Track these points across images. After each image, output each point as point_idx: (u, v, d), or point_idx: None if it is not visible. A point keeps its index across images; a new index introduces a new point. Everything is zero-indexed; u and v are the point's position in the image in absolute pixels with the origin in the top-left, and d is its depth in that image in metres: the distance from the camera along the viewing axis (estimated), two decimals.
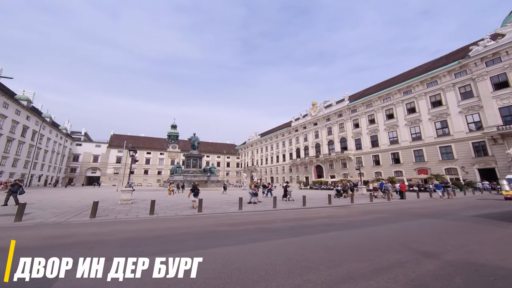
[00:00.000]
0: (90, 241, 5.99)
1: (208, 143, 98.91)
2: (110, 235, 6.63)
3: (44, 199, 18.23)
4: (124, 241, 5.95)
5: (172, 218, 9.97)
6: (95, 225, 8.25)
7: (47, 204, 14.37)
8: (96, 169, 76.53)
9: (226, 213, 11.33)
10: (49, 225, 8.05)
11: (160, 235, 6.75)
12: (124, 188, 15.54)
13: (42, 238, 6.20)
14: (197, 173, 44.62)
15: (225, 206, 14.29)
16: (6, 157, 42.02)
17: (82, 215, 10.18)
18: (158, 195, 22.57)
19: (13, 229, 7.31)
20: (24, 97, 48.36)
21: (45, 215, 9.94)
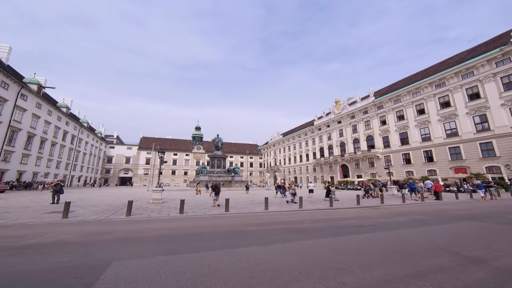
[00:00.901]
0: (129, 238, 6.39)
1: (231, 144, 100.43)
2: (146, 233, 7.01)
3: (84, 198, 19.75)
4: (159, 239, 6.26)
5: (200, 217, 10.28)
6: (131, 223, 8.77)
7: (87, 203, 15.55)
8: (128, 170, 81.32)
9: (252, 213, 11.43)
10: (90, 222, 8.72)
11: (191, 233, 7.00)
12: (154, 188, 16.32)
13: (86, 234, 6.74)
14: (222, 173, 45.49)
15: (250, 206, 14.43)
16: (50, 159, 46.21)
17: (119, 213, 10.86)
18: (186, 195, 23.38)
19: (62, 225, 8.03)
20: (64, 105, 52.80)
21: (86, 213, 10.75)
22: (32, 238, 6.18)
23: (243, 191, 32.32)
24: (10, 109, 34.52)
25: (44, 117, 43.18)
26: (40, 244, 5.61)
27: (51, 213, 10.57)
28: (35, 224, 8.17)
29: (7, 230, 7.17)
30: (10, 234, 6.61)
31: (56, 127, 47.81)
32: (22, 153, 37.75)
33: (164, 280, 3.63)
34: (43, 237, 6.29)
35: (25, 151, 38.36)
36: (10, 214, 10.12)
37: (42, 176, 42.91)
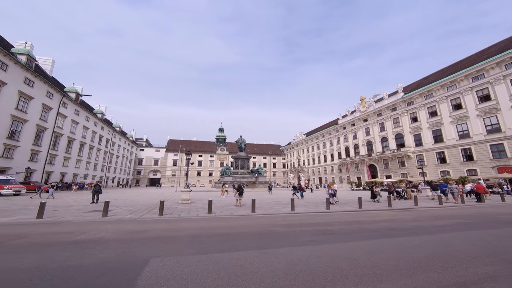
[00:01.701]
0: (163, 236, 6.69)
1: (254, 145, 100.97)
2: (178, 232, 7.30)
3: (119, 198, 21.03)
4: (191, 238, 6.47)
5: (228, 217, 10.45)
6: (164, 222, 9.17)
7: (122, 202, 16.54)
8: (156, 172, 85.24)
9: (279, 214, 11.39)
10: (127, 221, 9.26)
11: (221, 233, 7.15)
12: (183, 188, 16.91)
13: (124, 232, 7.18)
14: (246, 174, 45.89)
15: (276, 207, 14.39)
16: (88, 162, 49.94)
17: (152, 213, 11.40)
18: (212, 196, 23.93)
19: (102, 223, 8.62)
20: (99, 111, 56.81)
21: (123, 212, 11.44)
22: (79, 234, 6.72)
23: (267, 191, 32.32)
24: (54, 116, 37.89)
25: (82, 123, 46.78)
26: (86, 241, 6.08)
27: (92, 212, 11.40)
28: (79, 222, 8.87)
29: (57, 227, 7.87)
30: (60, 231, 7.24)
31: (93, 132, 51.55)
32: (64, 156, 41.23)
33: (200, 278, 3.75)
34: (88, 234, 6.81)
35: (66, 155, 41.84)
36: (58, 212, 11.08)
37: (81, 177, 46.50)
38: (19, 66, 30.75)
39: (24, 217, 9.57)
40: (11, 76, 29.58)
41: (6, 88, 28.75)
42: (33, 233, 6.90)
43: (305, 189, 22.30)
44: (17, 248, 5.44)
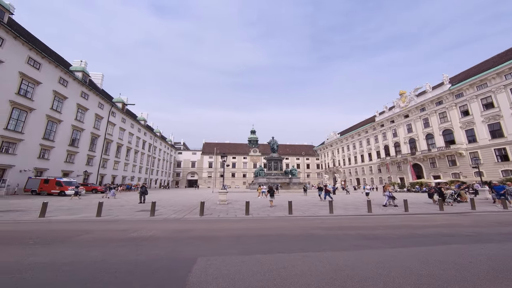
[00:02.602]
0: (206, 236, 7.00)
1: (286, 146, 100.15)
2: (219, 232, 7.57)
3: (162, 198, 22.50)
4: (233, 238, 6.67)
5: (265, 218, 10.53)
6: (205, 222, 9.59)
7: (165, 203, 17.67)
8: (194, 173, 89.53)
9: (317, 216, 11.14)
10: (172, 220, 9.88)
11: (260, 234, 7.23)
12: (220, 190, 17.48)
13: (171, 231, 7.67)
14: (279, 175, 45.68)
15: (313, 208, 14.09)
16: (134, 165, 54.51)
17: (193, 213, 11.98)
18: (248, 197, 24.31)
19: (151, 222, 9.34)
20: (142, 118, 61.66)
21: (167, 212, 12.22)
22: (132, 232, 7.37)
23: (302, 193, 31.77)
24: (105, 125, 42.17)
25: (128, 130, 51.25)
26: (139, 238, 6.65)
27: (140, 211, 12.40)
28: (131, 220, 9.72)
29: (114, 225, 8.73)
30: (117, 228, 8.03)
31: (137, 137, 56.13)
32: (114, 160, 45.57)
33: (246, 278, 3.85)
34: (140, 232, 7.44)
35: (116, 159, 46.19)
36: (112, 211, 12.28)
37: (129, 179, 50.88)
38: (76, 82, 34.89)
39: (87, 215, 10.80)
40: (71, 91, 33.67)
41: (67, 102, 32.80)
42: (96, 229, 7.76)
43: (331, 190, 21.34)
44: (85, 242, 6.16)
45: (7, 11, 25.40)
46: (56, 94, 30.73)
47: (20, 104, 25.68)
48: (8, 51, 24.41)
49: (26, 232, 7.35)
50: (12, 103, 24.80)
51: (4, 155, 24.02)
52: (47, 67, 29.48)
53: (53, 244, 5.91)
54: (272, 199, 15.74)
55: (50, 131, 29.92)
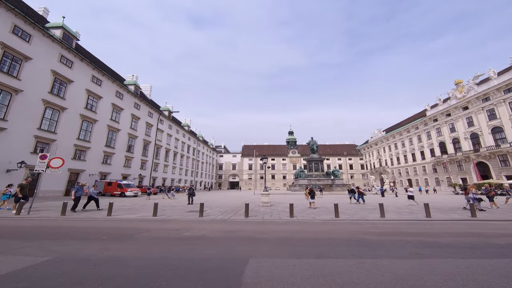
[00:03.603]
0: (254, 237, 7.10)
1: (326, 146, 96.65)
2: (266, 234, 7.62)
3: (208, 200, 23.60)
4: (280, 241, 6.64)
5: (310, 221, 10.26)
6: (251, 223, 9.75)
7: (211, 204, 18.47)
8: (235, 175, 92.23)
9: (366, 220, 10.47)
10: (219, 221, 10.27)
11: (308, 238, 7.07)
12: (262, 192, 17.63)
13: (220, 231, 7.98)
14: (321, 177, 44.28)
15: (361, 212, 13.29)
16: (181, 168, 58.46)
17: (238, 214, 12.29)
18: (291, 199, 24.08)
19: (200, 222, 9.85)
20: (186, 124, 65.84)
21: (214, 213, 12.75)
22: (185, 231, 7.87)
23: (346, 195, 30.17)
24: (154, 132, 46.12)
25: (174, 135, 55.21)
26: (192, 237, 7.06)
27: (190, 212, 13.18)
28: (183, 220, 10.40)
29: (168, 224, 9.45)
30: (171, 227, 8.66)
31: (182, 142, 60.10)
32: (163, 164, 49.51)
33: (299, 283, 3.78)
34: (192, 231, 7.90)
35: (165, 162, 50.11)
36: (165, 211, 13.30)
37: (177, 181, 54.69)
38: (130, 94, 38.91)
39: (145, 215, 11.90)
40: (126, 102, 37.66)
41: (123, 113, 36.76)
42: (154, 228, 8.49)
43: (364, 193, 19.67)
44: (146, 240, 6.78)
45: (75, 38, 29.59)
46: (114, 106, 34.71)
47: (88, 117, 29.62)
48: (76, 71, 28.43)
49: (99, 229, 8.41)
50: (82, 116, 28.77)
51: (78, 161, 27.94)
52: (106, 83, 33.52)
53: (121, 241, 6.63)
54: (313, 201, 15.62)
55: (111, 139, 33.89)
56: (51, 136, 24.58)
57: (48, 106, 24.51)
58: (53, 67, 25.34)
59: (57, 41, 25.86)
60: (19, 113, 21.55)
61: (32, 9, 28.26)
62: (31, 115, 22.63)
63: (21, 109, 21.69)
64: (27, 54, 22.51)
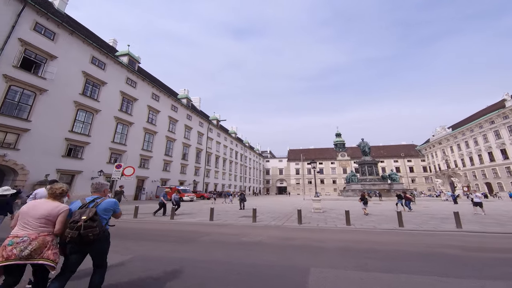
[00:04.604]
0: (311, 245, 6.89)
1: (379, 147, 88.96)
2: (324, 242, 7.31)
3: (258, 205, 23.86)
4: (340, 250, 6.29)
5: (371, 231, 9.49)
6: (305, 230, 9.49)
7: (262, 209, 18.59)
8: (282, 180, 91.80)
9: (439, 231, 9.20)
10: (273, 227, 10.26)
11: (372, 248, 6.53)
12: (314, 197, 17.08)
13: (275, 238, 7.96)
14: (376, 181, 40.88)
15: (431, 221, 11.75)
16: (230, 173, 60.84)
17: (290, 221, 12.12)
18: (344, 205, 22.81)
19: (254, 228, 10.00)
20: (233, 131, 68.49)
21: (266, 219, 12.82)
22: (242, 236, 8.07)
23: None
24: (205, 140, 49.14)
25: (222, 143, 57.92)
26: (249, 243, 7.20)
27: (243, 217, 13.52)
28: (238, 225, 10.72)
29: (225, 228, 9.85)
30: (228, 232, 9.01)
31: (230, 149, 62.62)
32: (214, 170, 52.25)
33: None
34: (249, 237, 8.07)
35: (215, 169, 52.83)
36: (220, 216, 13.92)
37: (227, 187, 57.03)
38: (183, 107, 42.40)
39: (202, 219, 12.65)
40: (180, 114, 41.13)
41: (178, 124, 40.19)
42: (212, 232, 8.94)
43: (412, 198, 17.04)
44: (207, 243, 7.16)
45: (137, 61, 33.73)
46: (170, 119, 38.25)
47: (149, 130, 33.24)
48: (139, 90, 32.29)
49: (165, 231, 9.25)
50: (145, 129, 32.44)
51: (143, 169, 31.46)
52: (163, 98, 37.22)
53: (186, 243, 7.14)
54: (365, 207, 14.84)
55: (169, 148, 37.32)
56: (122, 148, 28.28)
57: (119, 122, 28.35)
58: (122, 88, 29.29)
59: (125, 66, 29.91)
60: (99, 130, 25.42)
61: (104, 41, 33.37)
62: (106, 130, 26.47)
63: (99, 126, 25.56)
64: (103, 80, 26.54)
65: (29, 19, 20.03)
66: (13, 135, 18.41)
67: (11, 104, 18.52)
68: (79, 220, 2.80)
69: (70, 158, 22.39)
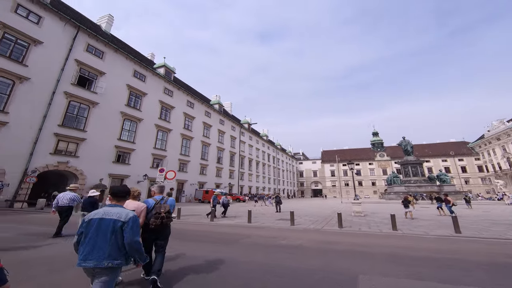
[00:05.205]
0: (356, 250, 6.55)
1: (424, 146, 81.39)
2: (369, 248, 6.88)
3: (294, 208, 23.42)
4: (388, 257, 5.88)
5: (422, 237, 8.70)
6: (347, 235, 9.05)
7: (298, 212, 18.21)
8: (317, 183, 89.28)
9: (505, 239, 8.05)
10: (312, 231, 9.97)
11: (424, 256, 5.98)
12: (353, 200, 16.26)
13: (317, 242, 7.72)
14: (422, 182, 37.51)
15: (493, 227, 10.37)
16: (264, 176, 61.09)
17: (330, 224, 11.66)
18: (388, 208, 21.36)
19: (293, 231, 9.84)
20: (264, 134, 68.77)
21: (305, 222, 12.51)
22: (281, 239, 7.99)
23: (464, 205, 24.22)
24: (238, 143, 50.09)
25: (254, 146, 58.46)
26: (289, 246, 7.09)
27: (280, 220, 13.41)
28: (275, 228, 10.64)
29: (263, 231, 9.86)
30: (267, 235, 8.99)
31: (263, 152, 62.92)
32: (248, 173, 52.93)
33: None
34: (288, 240, 7.96)
35: (249, 171, 53.48)
36: (257, 218, 13.98)
37: (261, 189, 57.29)
38: (216, 112, 43.91)
39: (240, 221, 12.86)
40: (213, 120, 42.62)
41: (212, 129, 41.65)
42: (252, 234, 9.00)
43: (451, 202, 14.84)
44: (248, 245, 7.22)
45: (172, 72, 35.85)
46: (204, 124, 39.82)
47: (186, 135, 35.00)
48: (175, 99, 34.23)
49: (206, 232, 9.58)
50: (182, 135, 34.26)
51: (182, 173, 33.18)
52: (197, 105, 38.96)
53: (228, 244, 7.29)
54: (409, 210, 14.00)
55: (204, 152, 38.83)
56: (163, 153, 30.19)
57: (159, 129, 30.36)
58: (160, 97, 31.39)
59: (162, 77, 32.05)
60: (142, 137, 27.56)
61: (143, 55, 36.25)
62: (148, 137, 28.56)
63: (142, 134, 27.69)
64: (144, 91, 28.73)
65: (82, 41, 22.66)
66: (73, 144, 20.91)
67: (71, 117, 21.06)
68: (161, 213, 3.90)
69: (119, 163, 24.60)
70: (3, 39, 17.51)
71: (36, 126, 18.43)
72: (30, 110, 18.18)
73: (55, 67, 20.20)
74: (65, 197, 8.19)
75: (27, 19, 19.01)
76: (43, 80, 19.18)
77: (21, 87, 17.90)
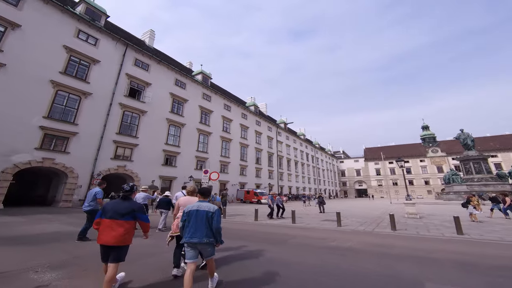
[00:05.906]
0: (415, 256, 5.98)
1: (487, 138, 70.91)
2: (432, 253, 6.22)
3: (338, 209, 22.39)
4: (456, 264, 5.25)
5: (496, 242, 7.60)
6: (403, 238, 8.32)
7: (344, 213, 17.17)
8: (361, 182, 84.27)
9: None
10: (362, 233, 9.39)
11: (505, 265, 5.21)
12: (406, 201, 14.87)
13: (369, 244, 7.23)
14: (488, 180, 32.62)
15: None
16: (303, 176, 59.98)
17: (381, 227, 10.86)
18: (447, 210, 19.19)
19: (341, 232, 9.41)
20: (301, 133, 67.39)
21: (352, 224, 11.83)
22: (331, 241, 7.67)
23: None
24: (275, 144, 49.96)
25: (292, 145, 57.66)
26: (340, 248, 6.77)
27: (325, 221, 12.95)
28: (322, 229, 10.28)
29: (310, 232, 9.60)
30: (314, 236, 8.73)
31: (301, 151, 61.75)
32: (287, 173, 52.44)
33: None
34: (337, 241, 7.62)
35: (288, 171, 52.94)
36: (302, 219, 13.70)
37: (301, 190, 56.23)
38: (252, 114, 44.49)
39: (285, 221, 12.73)
40: (249, 121, 43.24)
41: (249, 130, 42.28)
42: (298, 235, 8.83)
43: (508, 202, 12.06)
44: (297, 246, 7.11)
45: (209, 77, 37.36)
46: (242, 126, 40.65)
47: (225, 138, 36.17)
48: (213, 103, 35.61)
49: (253, 232, 9.71)
50: (222, 138, 35.49)
51: (223, 174, 34.35)
52: (234, 108, 39.96)
53: (276, 245, 7.26)
54: (473, 212, 12.49)
55: (243, 154, 39.63)
56: (205, 155, 31.66)
57: (201, 133, 31.92)
58: (200, 103, 32.99)
59: (200, 83, 33.67)
60: (185, 141, 29.36)
61: (182, 64, 38.58)
62: (191, 141, 30.23)
63: (186, 138, 29.47)
64: (185, 97, 30.52)
65: (130, 57, 25.07)
66: (128, 149, 23.24)
67: (125, 126, 23.42)
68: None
69: (167, 166, 26.53)
70: (70, 61, 20.24)
71: (99, 134, 20.92)
72: (94, 121, 20.74)
73: (111, 81, 22.70)
74: (140, 197, 9.24)
75: (86, 42, 21.70)
76: (102, 94, 21.70)
77: (86, 102, 20.50)
